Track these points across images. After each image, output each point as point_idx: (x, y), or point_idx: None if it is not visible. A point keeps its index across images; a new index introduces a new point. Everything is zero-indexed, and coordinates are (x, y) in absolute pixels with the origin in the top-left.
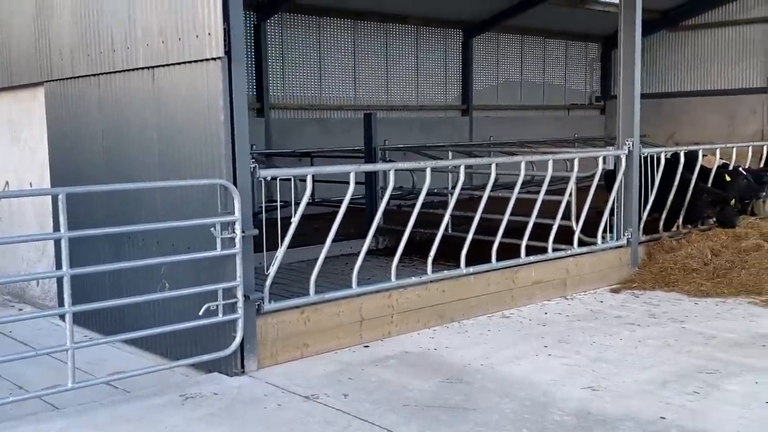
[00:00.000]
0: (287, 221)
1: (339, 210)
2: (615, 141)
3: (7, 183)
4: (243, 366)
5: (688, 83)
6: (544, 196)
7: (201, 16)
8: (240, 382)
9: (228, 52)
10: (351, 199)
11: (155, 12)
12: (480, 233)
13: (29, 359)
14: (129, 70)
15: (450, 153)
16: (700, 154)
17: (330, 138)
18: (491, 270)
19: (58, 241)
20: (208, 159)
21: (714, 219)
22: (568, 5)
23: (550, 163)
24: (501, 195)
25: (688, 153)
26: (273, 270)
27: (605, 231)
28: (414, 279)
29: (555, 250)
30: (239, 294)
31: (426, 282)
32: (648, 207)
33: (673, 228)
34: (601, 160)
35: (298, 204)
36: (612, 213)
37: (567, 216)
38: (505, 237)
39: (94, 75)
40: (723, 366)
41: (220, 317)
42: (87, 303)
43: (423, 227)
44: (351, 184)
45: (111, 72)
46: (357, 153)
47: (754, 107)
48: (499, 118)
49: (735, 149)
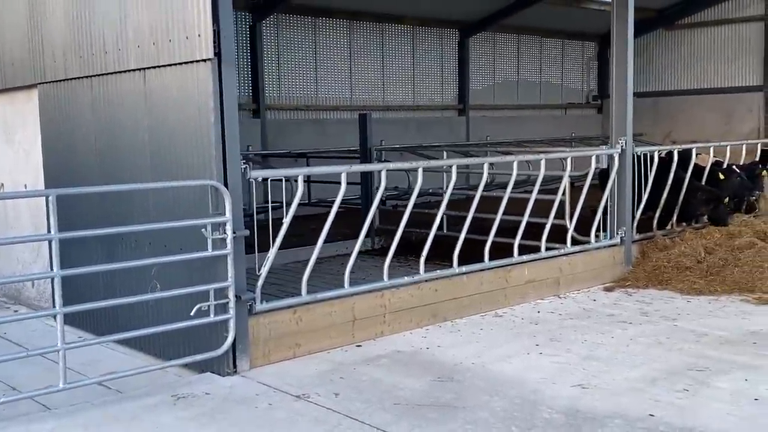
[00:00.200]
0: (282, 222)
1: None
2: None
3: (2, 185)
4: (235, 366)
5: (684, 82)
6: (537, 195)
7: (191, 17)
8: (232, 381)
9: (218, 53)
10: (349, 200)
11: (146, 14)
12: (474, 233)
13: (23, 361)
14: (121, 71)
15: (445, 153)
16: (693, 152)
17: (326, 139)
18: (484, 269)
19: (50, 243)
20: (199, 160)
21: (707, 217)
22: (564, 4)
23: (542, 163)
24: (496, 194)
25: (681, 151)
26: (265, 270)
27: (599, 230)
28: (406, 279)
29: (548, 249)
30: (231, 294)
31: (418, 282)
32: (642, 205)
33: (667, 226)
34: (594, 159)
35: (291, 205)
36: (605, 212)
37: (561, 215)
38: (499, 236)
39: (86, 77)
40: (713, 363)
41: (211, 317)
42: (81, 304)
43: (420, 227)
44: (342, 184)
45: (103, 74)
46: (353, 153)
47: (750, 105)
48: (496, 117)
49: (729, 147)
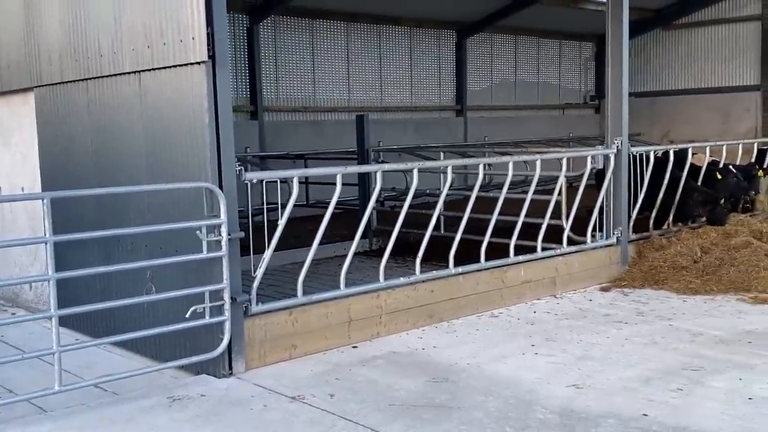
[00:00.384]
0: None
1: (334, 211)
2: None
3: None
4: (231, 368)
5: (681, 81)
6: (534, 195)
7: (185, 20)
8: (227, 383)
9: (212, 56)
10: (348, 201)
11: (140, 17)
12: (471, 233)
13: (20, 363)
14: (116, 74)
15: (442, 154)
16: (689, 152)
17: (324, 140)
18: (480, 270)
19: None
20: (194, 162)
21: (704, 218)
22: (560, 5)
23: (538, 163)
24: (493, 195)
25: (678, 151)
26: (260, 272)
27: (595, 230)
28: (402, 279)
29: (544, 249)
30: (226, 296)
31: (414, 282)
32: (638, 205)
33: (664, 226)
34: (590, 159)
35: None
36: (601, 212)
37: (557, 215)
38: (496, 237)
39: (82, 80)
40: (708, 363)
41: (207, 319)
42: (77, 306)
43: (418, 228)
44: (338, 186)
45: (98, 77)
46: (351, 155)
47: (747, 105)
48: (494, 118)
49: (725, 147)
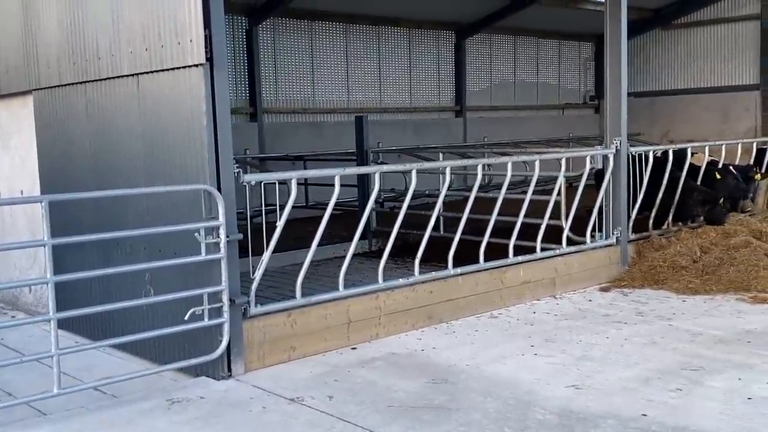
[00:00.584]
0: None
1: (334, 213)
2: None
3: None
4: (230, 370)
5: (681, 81)
6: (533, 195)
7: (183, 23)
8: (226, 385)
9: (210, 58)
10: (348, 202)
11: (138, 19)
12: (471, 234)
13: (19, 366)
14: (114, 77)
15: (441, 154)
16: (689, 152)
17: (323, 141)
18: (479, 270)
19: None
20: (192, 164)
21: (703, 218)
22: (559, 5)
23: (536, 164)
24: (492, 195)
25: (677, 151)
26: (259, 274)
27: (594, 230)
28: (401, 281)
29: (543, 249)
30: (224, 298)
31: (413, 283)
32: (637, 205)
33: (663, 226)
34: (589, 159)
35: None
36: (601, 212)
37: (557, 215)
38: (495, 237)
39: (80, 83)
40: (707, 363)
41: (206, 321)
42: (75, 309)
43: (417, 229)
44: (336, 187)
45: (97, 80)
46: (350, 156)
47: (747, 104)
48: (493, 118)
49: (724, 146)
